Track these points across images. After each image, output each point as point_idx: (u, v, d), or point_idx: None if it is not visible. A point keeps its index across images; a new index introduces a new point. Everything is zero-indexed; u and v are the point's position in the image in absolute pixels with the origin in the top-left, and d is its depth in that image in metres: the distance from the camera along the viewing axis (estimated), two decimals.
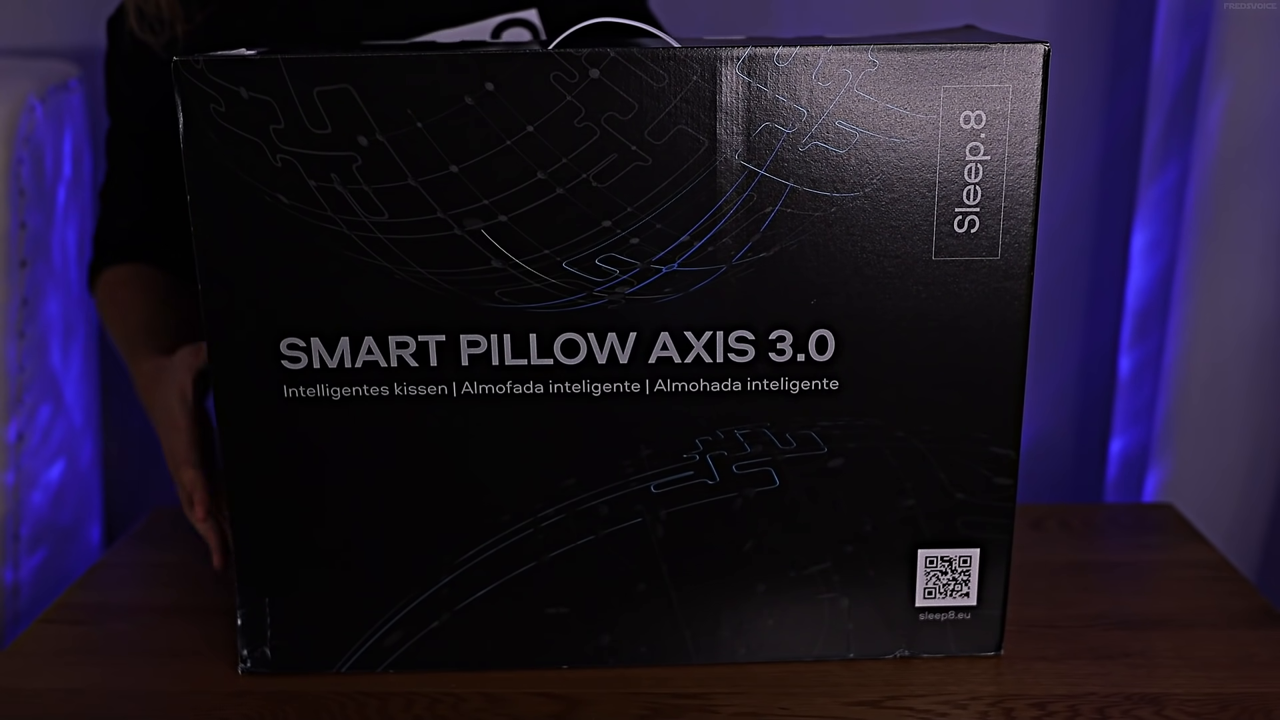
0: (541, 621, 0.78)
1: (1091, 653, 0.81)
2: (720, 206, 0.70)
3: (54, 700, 0.78)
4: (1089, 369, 1.34)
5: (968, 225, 0.71)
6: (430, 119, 0.68)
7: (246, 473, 0.75)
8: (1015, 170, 0.70)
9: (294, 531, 0.76)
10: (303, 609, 0.77)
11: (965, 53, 0.68)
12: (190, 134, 0.68)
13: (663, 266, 0.71)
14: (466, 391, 0.73)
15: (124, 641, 0.85)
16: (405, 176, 0.69)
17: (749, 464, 0.75)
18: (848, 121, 0.69)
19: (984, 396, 0.74)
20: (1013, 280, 0.72)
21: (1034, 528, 0.99)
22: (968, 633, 0.79)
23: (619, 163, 0.68)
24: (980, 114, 0.69)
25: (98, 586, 0.93)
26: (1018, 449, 0.75)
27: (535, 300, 0.71)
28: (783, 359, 0.73)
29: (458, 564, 0.76)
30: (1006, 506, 0.77)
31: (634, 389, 0.73)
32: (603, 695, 0.77)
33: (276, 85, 0.67)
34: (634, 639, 0.78)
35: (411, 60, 0.67)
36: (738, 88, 0.68)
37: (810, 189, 0.70)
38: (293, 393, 0.73)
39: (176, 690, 0.78)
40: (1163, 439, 1.25)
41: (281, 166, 0.68)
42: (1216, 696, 0.76)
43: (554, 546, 0.76)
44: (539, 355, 0.73)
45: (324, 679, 0.78)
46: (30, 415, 1.15)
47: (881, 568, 0.77)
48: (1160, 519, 1.02)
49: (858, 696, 0.76)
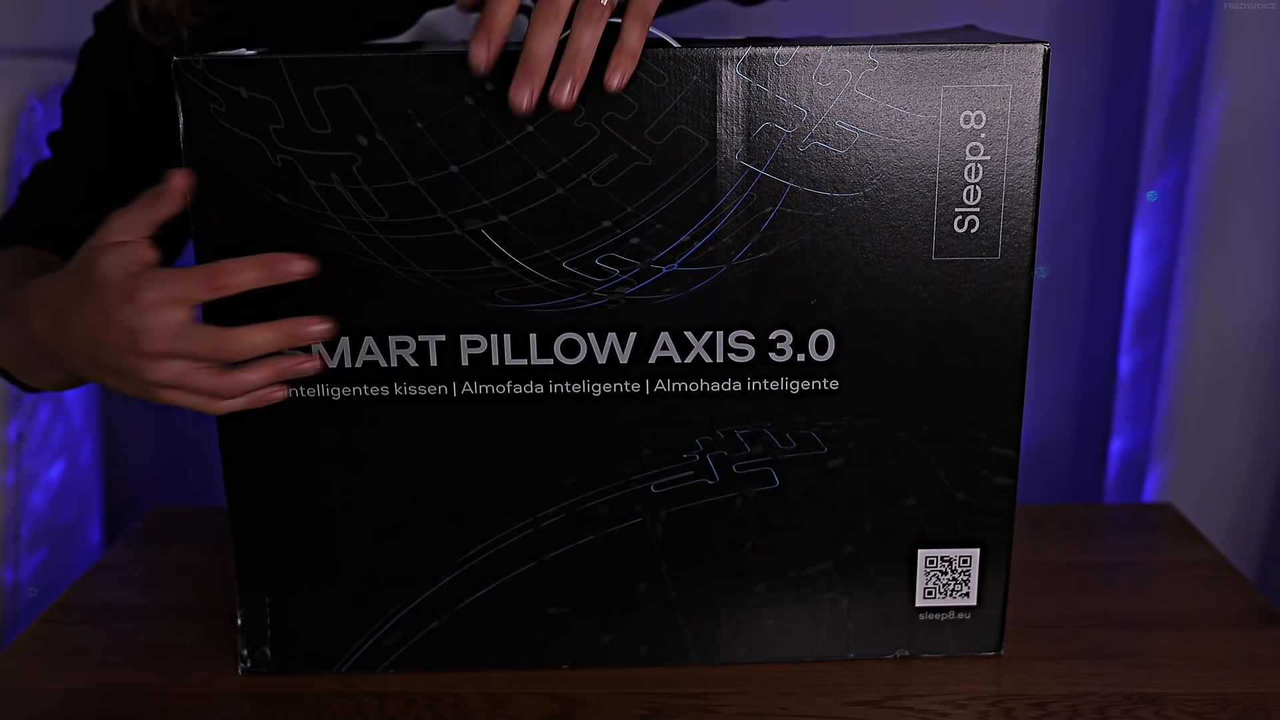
0: (541, 621, 0.78)
1: (1091, 653, 0.81)
2: (720, 206, 0.70)
3: (54, 700, 0.78)
4: (1089, 369, 1.34)
5: (968, 225, 0.71)
6: (430, 119, 0.68)
7: (246, 473, 0.75)
8: (1015, 170, 0.70)
9: (294, 531, 0.76)
10: (303, 609, 0.77)
11: (965, 53, 0.68)
12: (190, 134, 0.68)
13: (663, 266, 0.71)
14: (466, 391, 0.73)
15: (124, 641, 0.85)
16: (405, 176, 0.69)
17: (749, 464, 0.75)
18: (848, 121, 0.69)
19: (984, 396, 0.74)
20: (1013, 280, 0.72)
21: (1034, 528, 0.99)
22: (968, 633, 0.79)
23: (619, 163, 0.68)
24: (980, 114, 0.69)
25: (98, 586, 0.93)
26: (1018, 449, 0.75)
27: (535, 300, 0.71)
28: (783, 359, 0.73)
29: (458, 564, 0.76)
30: (1006, 506, 0.77)
31: (634, 389, 0.73)
32: (603, 695, 0.77)
33: (276, 85, 0.67)
34: (634, 639, 0.78)
35: (411, 60, 0.67)
36: (738, 88, 0.68)
37: (810, 189, 0.70)
38: (293, 393, 0.73)
39: (176, 690, 0.78)
40: (1163, 439, 1.25)
41: (281, 166, 0.68)
42: (1216, 696, 0.76)
43: (554, 546, 0.76)
44: (539, 355, 0.73)
45: (324, 679, 0.78)
46: (30, 415, 1.15)
47: (881, 568, 0.77)
48: (1160, 519, 1.02)
49: (858, 696, 0.76)
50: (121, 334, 0.64)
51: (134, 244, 0.66)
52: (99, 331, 0.65)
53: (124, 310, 0.64)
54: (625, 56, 0.62)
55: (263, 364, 0.68)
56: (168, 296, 0.64)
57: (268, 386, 0.69)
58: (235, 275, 0.65)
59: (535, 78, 0.61)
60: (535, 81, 0.61)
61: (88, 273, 0.65)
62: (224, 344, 0.65)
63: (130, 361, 0.65)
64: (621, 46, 0.62)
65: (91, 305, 0.65)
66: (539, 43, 0.60)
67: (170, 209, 0.67)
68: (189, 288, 0.65)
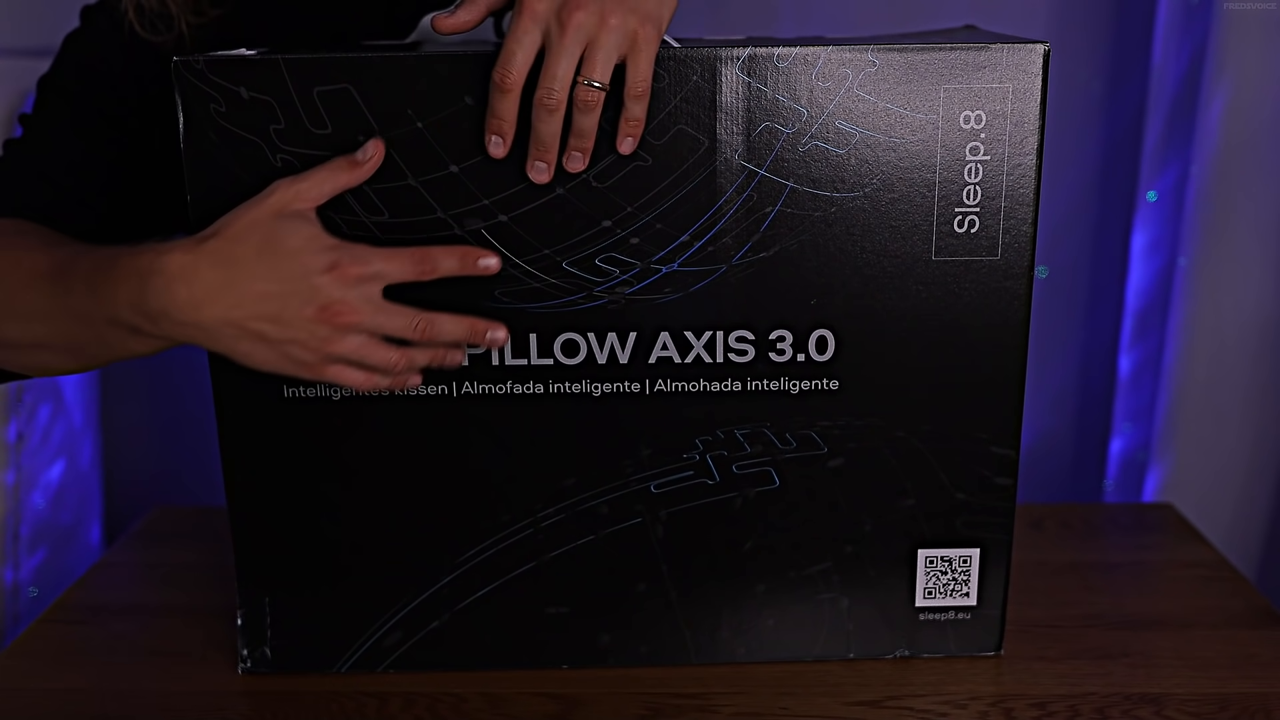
0: (541, 621, 0.78)
1: (1091, 653, 0.81)
2: (720, 206, 0.70)
3: (54, 700, 0.78)
4: (1089, 369, 1.34)
5: (968, 225, 0.71)
6: (430, 119, 0.68)
7: (246, 473, 0.75)
8: (1015, 170, 0.70)
9: (294, 531, 0.76)
10: (303, 609, 0.77)
11: (965, 53, 0.68)
12: (190, 134, 0.68)
13: (663, 266, 0.71)
14: (466, 391, 0.73)
15: (124, 641, 0.85)
16: (405, 176, 0.69)
17: (749, 464, 0.75)
18: (848, 121, 0.69)
19: (984, 396, 0.74)
20: (1013, 280, 0.72)
21: (1034, 528, 0.99)
22: (968, 633, 0.79)
23: (619, 163, 0.68)
24: (980, 114, 0.69)
25: (98, 586, 0.93)
26: (1018, 449, 0.75)
27: (535, 300, 0.71)
28: (783, 359, 0.73)
29: (458, 564, 0.76)
30: (1006, 506, 0.77)
31: (634, 389, 0.73)
32: (603, 695, 0.77)
33: (276, 85, 0.67)
34: (634, 639, 0.78)
35: (411, 60, 0.67)
36: (738, 88, 0.68)
37: (810, 189, 0.70)
38: (293, 393, 0.73)
39: (176, 690, 0.78)
40: (1163, 439, 1.25)
41: (281, 166, 0.68)
42: (1216, 696, 0.76)
43: (554, 546, 0.76)
44: (539, 355, 0.73)
45: (324, 679, 0.78)
46: (30, 415, 1.15)
47: (881, 568, 0.77)
48: (1160, 519, 1.02)
49: (858, 696, 0.76)
50: (311, 304, 0.65)
51: (311, 213, 0.68)
52: (280, 300, 0.66)
53: (320, 280, 0.65)
54: (632, 125, 0.67)
55: (429, 348, 0.70)
56: (369, 272, 0.66)
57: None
58: (440, 261, 0.68)
59: (549, 155, 0.67)
60: (550, 157, 0.67)
61: (273, 239, 0.66)
62: (426, 324, 0.68)
63: (312, 330, 0.66)
64: (627, 118, 0.67)
65: (277, 273, 0.66)
66: (545, 128, 0.66)
67: (360, 179, 0.68)
68: (392, 267, 0.67)
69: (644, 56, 0.65)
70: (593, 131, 0.66)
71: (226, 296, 0.66)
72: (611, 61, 0.64)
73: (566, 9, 0.63)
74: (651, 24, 0.64)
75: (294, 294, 0.66)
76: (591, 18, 0.63)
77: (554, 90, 0.64)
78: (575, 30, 0.63)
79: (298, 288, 0.65)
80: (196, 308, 0.67)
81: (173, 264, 0.67)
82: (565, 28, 0.63)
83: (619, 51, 0.64)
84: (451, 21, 0.67)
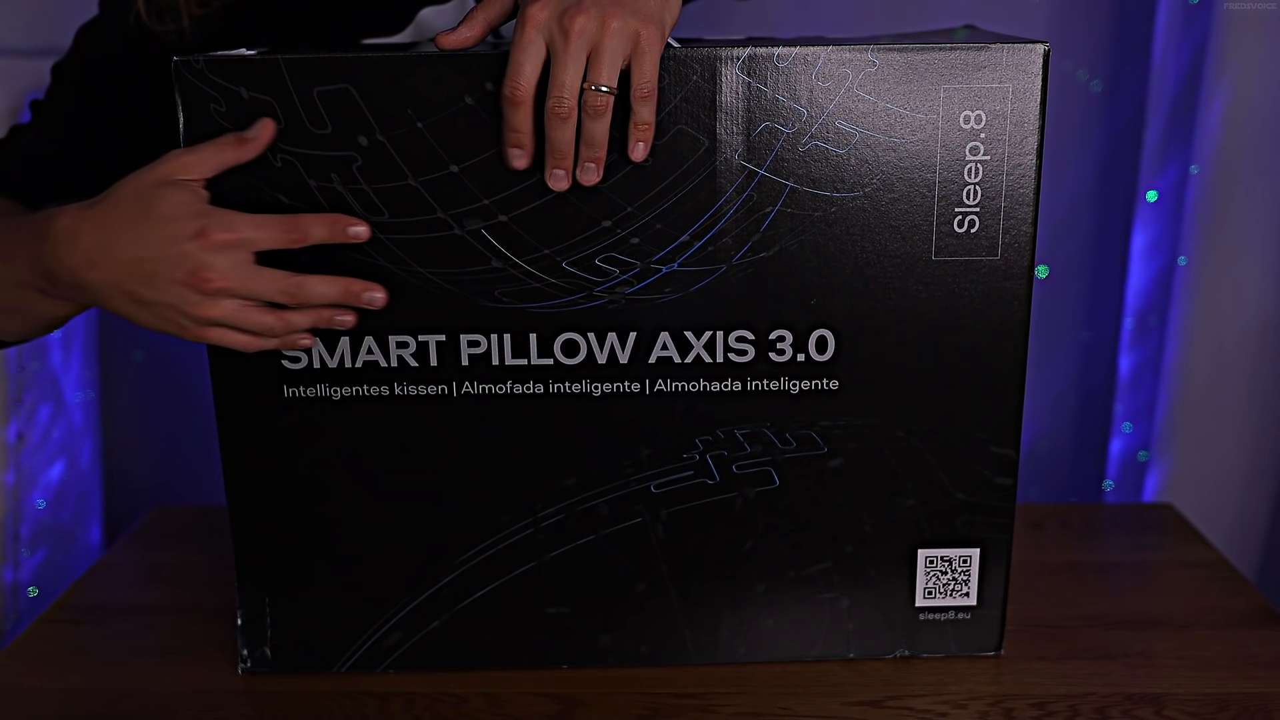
0: (541, 621, 0.78)
1: (1091, 653, 0.81)
2: (720, 206, 0.70)
3: (54, 700, 0.78)
4: (1089, 369, 1.34)
5: (968, 225, 0.71)
6: (430, 119, 0.68)
7: (246, 473, 0.75)
8: (1015, 170, 0.70)
9: (294, 531, 0.76)
10: (303, 609, 0.77)
11: (965, 53, 0.68)
12: (190, 134, 0.68)
13: (663, 266, 0.71)
14: (466, 391, 0.73)
15: (124, 641, 0.85)
16: (405, 176, 0.69)
17: (749, 464, 0.75)
18: (848, 121, 0.69)
19: (984, 396, 0.74)
20: (1013, 280, 0.72)
21: (1034, 528, 0.99)
22: (968, 633, 0.79)
23: (619, 163, 0.68)
24: (980, 114, 0.69)
25: (98, 586, 0.93)
26: (1018, 449, 0.75)
27: (535, 300, 0.71)
28: (783, 359, 0.73)
29: (458, 564, 0.76)
30: (1006, 506, 0.77)
31: (634, 389, 0.73)
32: (603, 695, 0.77)
33: (276, 85, 0.67)
34: (634, 639, 0.78)
35: (411, 60, 0.67)
36: (738, 88, 0.68)
37: (810, 189, 0.70)
38: (293, 393, 0.73)
39: (176, 690, 0.78)
40: (1163, 439, 1.25)
41: (281, 166, 0.68)
42: (1216, 696, 0.76)
43: (554, 546, 0.76)
44: (539, 355, 0.73)
45: (324, 679, 0.78)
46: (30, 415, 1.15)
47: (881, 568, 0.77)
48: (1160, 519, 1.02)
49: (858, 696, 0.76)
50: (179, 269, 0.67)
51: (196, 182, 0.68)
52: (151, 264, 0.67)
53: (188, 246, 0.66)
54: (641, 129, 0.67)
55: (308, 310, 0.70)
56: (237, 238, 0.67)
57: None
58: (310, 228, 0.68)
59: (566, 162, 0.68)
60: (567, 164, 0.68)
61: (148, 205, 0.67)
62: (295, 287, 0.69)
63: (182, 295, 0.67)
64: (636, 121, 0.67)
65: (148, 238, 0.67)
66: (560, 136, 0.66)
67: (246, 156, 0.69)
68: (260, 233, 0.68)
69: (648, 58, 0.65)
70: (604, 138, 0.66)
71: (104, 259, 0.68)
72: (617, 65, 0.64)
73: (567, 16, 0.63)
74: (654, 25, 0.65)
75: (163, 259, 0.67)
76: (593, 23, 0.63)
77: (564, 99, 0.64)
78: (578, 36, 0.63)
79: (167, 253, 0.67)
80: (79, 270, 0.69)
81: (61, 227, 0.69)
82: (568, 35, 0.63)
83: (623, 54, 0.64)
84: (454, 39, 0.68)
